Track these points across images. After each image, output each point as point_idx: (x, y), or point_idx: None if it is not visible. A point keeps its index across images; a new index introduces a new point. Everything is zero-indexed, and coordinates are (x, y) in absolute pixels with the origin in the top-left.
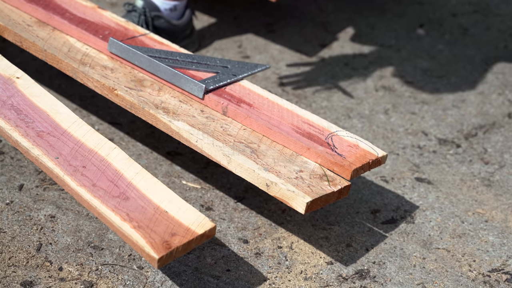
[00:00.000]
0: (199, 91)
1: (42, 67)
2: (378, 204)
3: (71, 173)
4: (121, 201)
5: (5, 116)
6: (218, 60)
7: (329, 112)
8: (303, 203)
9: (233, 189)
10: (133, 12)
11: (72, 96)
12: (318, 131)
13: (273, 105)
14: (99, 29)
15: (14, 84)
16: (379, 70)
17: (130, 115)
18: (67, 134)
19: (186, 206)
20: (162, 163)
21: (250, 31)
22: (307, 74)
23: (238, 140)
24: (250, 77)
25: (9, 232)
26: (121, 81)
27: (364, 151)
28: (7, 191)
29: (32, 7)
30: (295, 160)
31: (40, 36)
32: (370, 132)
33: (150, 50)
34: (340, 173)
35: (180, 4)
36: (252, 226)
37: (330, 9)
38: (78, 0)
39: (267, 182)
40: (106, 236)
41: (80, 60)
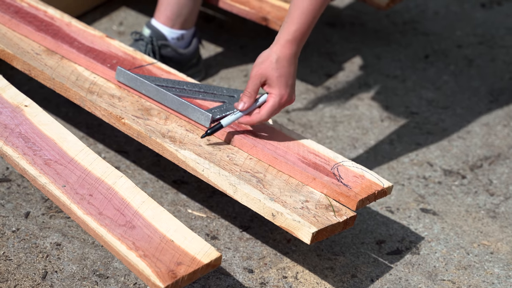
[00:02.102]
0: (205, 120)
1: (49, 95)
2: (383, 235)
3: (78, 201)
4: (127, 230)
5: (13, 144)
6: (225, 89)
7: (334, 142)
8: (309, 233)
9: (239, 218)
10: (140, 41)
11: (79, 124)
12: (324, 161)
13: (279, 135)
14: (107, 58)
15: (22, 112)
16: (385, 101)
17: (137, 143)
18: (74, 162)
19: (192, 235)
20: (168, 191)
21: None
22: (313, 104)
23: (244, 170)
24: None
25: (15, 259)
26: (128, 110)
27: (370, 181)
28: (14, 218)
29: (41, 35)
30: (301, 190)
31: (48, 64)
32: (375, 162)
33: (158, 79)
34: (345, 204)
35: (187, 33)
36: (257, 256)
37: (335, 39)
38: (87, 29)
39: (273, 212)
40: (112, 264)
41: (88, 89)
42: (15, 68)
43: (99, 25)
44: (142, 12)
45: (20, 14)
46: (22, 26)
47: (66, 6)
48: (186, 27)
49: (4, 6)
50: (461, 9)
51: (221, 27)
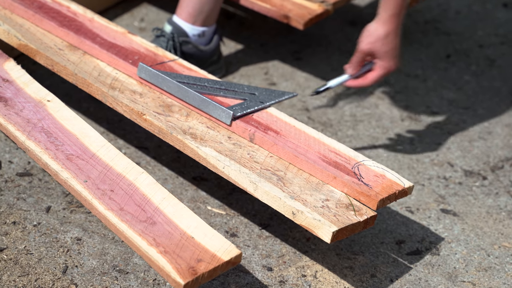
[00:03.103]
0: (226, 118)
1: (71, 90)
2: (403, 235)
3: (99, 197)
4: (148, 226)
5: (35, 138)
6: (246, 87)
7: (354, 141)
8: (329, 232)
9: (258, 216)
10: (161, 37)
11: (100, 119)
12: (345, 160)
13: (300, 133)
14: (129, 54)
15: (44, 107)
16: (405, 100)
17: (157, 139)
18: (95, 157)
19: (212, 232)
20: (187, 188)
21: (277, 58)
22: (333, 102)
23: (265, 168)
24: (277, 104)
25: (36, 253)
26: (150, 106)
27: (390, 181)
28: (35, 212)
29: (64, 31)
30: (321, 189)
31: (71, 60)
32: (395, 162)
33: (179, 76)
34: (366, 203)
35: (209, 30)
36: (277, 254)
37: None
38: (109, 25)
39: (293, 210)
40: (131, 260)
41: (109, 85)
42: (37, 63)
43: (120, 21)
44: (163, 8)
45: (44, 9)
46: (45, 21)
47: (88, 1)
48: (208, 24)
49: (28, 1)
50: (483, 9)
51: (241, 24)
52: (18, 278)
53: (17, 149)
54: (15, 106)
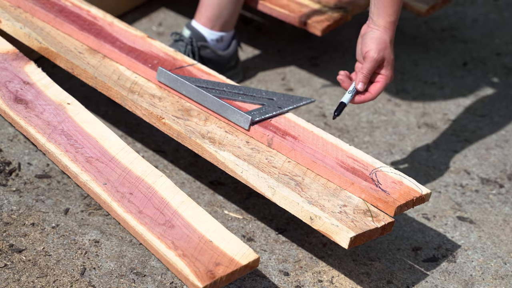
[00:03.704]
0: (245, 123)
1: (90, 93)
2: (420, 242)
3: (119, 199)
4: (166, 229)
5: (55, 141)
6: (264, 92)
7: (371, 147)
8: (347, 238)
9: (275, 221)
10: (180, 42)
11: (118, 123)
12: (362, 166)
13: (317, 139)
14: (148, 58)
15: (64, 110)
16: (422, 107)
17: (174, 143)
18: (115, 160)
19: (230, 236)
20: (204, 192)
21: (294, 64)
22: (350, 109)
23: (283, 173)
24: (294, 110)
25: (54, 255)
26: (169, 110)
27: (408, 188)
28: (53, 214)
29: (84, 34)
30: (339, 195)
31: (91, 63)
32: (412, 168)
33: (198, 80)
34: (384, 209)
35: (227, 35)
36: (293, 259)
37: None
38: (128, 29)
39: (311, 216)
40: (149, 263)
41: (129, 88)
42: (56, 66)
43: (139, 26)
44: (181, 13)
45: (64, 13)
46: (66, 25)
47: (107, 6)
48: (226, 29)
49: (49, 5)
50: (500, 17)
51: (259, 29)
52: (36, 279)
53: (36, 151)
54: (36, 109)
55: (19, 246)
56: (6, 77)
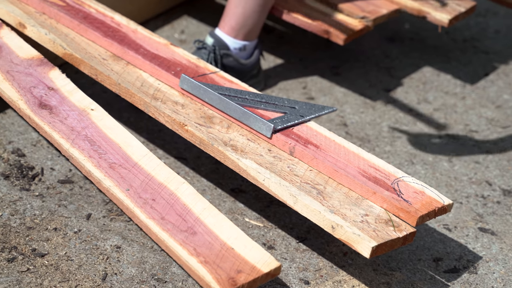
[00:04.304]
0: (267, 131)
1: (112, 99)
2: (441, 252)
3: (141, 206)
4: (188, 236)
5: (79, 146)
6: (286, 100)
7: (392, 157)
8: (369, 247)
9: (295, 229)
10: (203, 50)
11: (140, 129)
12: (384, 175)
13: (339, 148)
14: (171, 65)
15: (88, 115)
16: (444, 118)
17: (196, 150)
18: (138, 167)
19: (252, 244)
20: (225, 199)
21: (315, 73)
22: (371, 118)
23: (305, 181)
24: (315, 119)
25: (76, 260)
26: (191, 117)
27: (430, 198)
28: (76, 219)
29: (108, 41)
30: (361, 204)
31: (114, 70)
32: (433, 179)
33: (220, 88)
34: (405, 219)
35: (250, 44)
36: (314, 268)
37: (395, 55)
38: (152, 37)
39: (332, 224)
40: (170, 269)
41: (152, 95)
42: (79, 72)
43: (161, 33)
44: (203, 21)
45: (88, 20)
46: (90, 32)
47: (129, 13)
48: (250, 38)
49: (73, 11)
50: None
51: (280, 38)
52: (58, 283)
53: (59, 156)
54: (60, 114)
55: (41, 251)
56: (31, 82)
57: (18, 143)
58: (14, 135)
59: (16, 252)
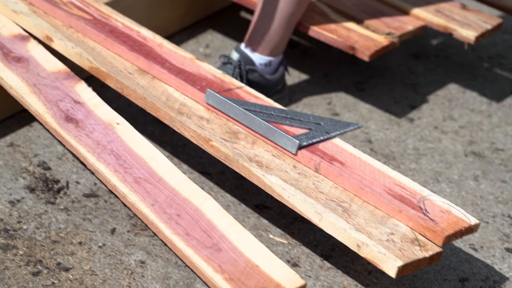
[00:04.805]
0: (292, 147)
1: (136, 113)
2: (467, 273)
3: (166, 221)
4: (213, 252)
5: (105, 160)
6: (312, 116)
7: (417, 175)
8: (395, 266)
9: (320, 247)
10: (228, 65)
11: (164, 143)
12: (410, 194)
13: (365, 165)
14: (197, 80)
15: (114, 129)
16: (469, 135)
17: (220, 165)
18: (163, 181)
19: (277, 262)
20: (250, 215)
21: (340, 88)
22: (396, 135)
23: (330, 198)
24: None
25: (100, 275)
26: (217, 132)
27: (456, 217)
28: (100, 234)
29: (134, 55)
30: (387, 222)
31: (140, 84)
32: (459, 197)
33: (245, 103)
34: (432, 239)
35: (275, 60)
36: (338, 286)
37: (420, 71)
38: (177, 51)
39: (358, 243)
40: (194, 285)
41: (177, 110)
42: (104, 85)
43: (186, 47)
44: (228, 35)
45: (115, 34)
46: (116, 45)
47: (155, 27)
48: (275, 54)
49: (100, 25)
50: None
51: (305, 53)
52: None
53: (84, 170)
54: (86, 128)
55: (66, 265)
56: (58, 96)
57: (43, 156)
58: (39, 148)
59: (41, 265)
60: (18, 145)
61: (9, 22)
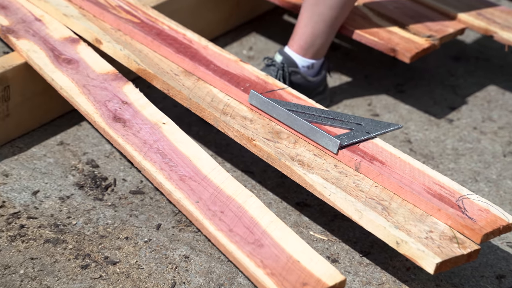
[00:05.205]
0: (333, 146)
1: (182, 114)
2: (504, 270)
3: (210, 218)
4: (256, 248)
5: (151, 159)
6: (352, 117)
7: (456, 175)
8: (433, 263)
9: (359, 243)
10: (271, 66)
11: (208, 143)
12: (449, 193)
13: (404, 165)
14: (241, 81)
15: (160, 129)
16: (508, 136)
17: (262, 164)
18: (207, 179)
19: (317, 257)
20: (291, 213)
21: (380, 90)
22: (435, 135)
23: (370, 197)
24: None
25: (146, 268)
26: (259, 132)
27: (495, 216)
28: (146, 229)
29: (180, 57)
30: (425, 220)
31: (186, 85)
32: (497, 197)
33: (288, 104)
34: (470, 237)
35: (317, 63)
36: (377, 281)
37: (459, 73)
38: (222, 53)
39: (397, 240)
40: (236, 280)
41: (222, 110)
42: (151, 86)
43: (230, 49)
44: (271, 38)
45: (161, 36)
46: (163, 48)
47: (200, 30)
48: (317, 57)
49: (147, 28)
50: None
51: (346, 55)
52: None
53: (131, 168)
54: (133, 127)
55: (113, 259)
56: (106, 96)
57: (92, 155)
58: (88, 146)
59: (89, 259)
60: (68, 144)
61: (60, 25)
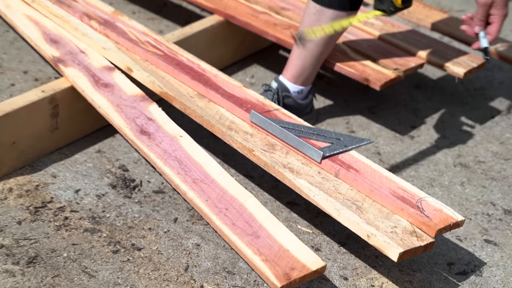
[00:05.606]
0: (317, 157)
1: (196, 129)
2: (453, 258)
3: (217, 213)
4: (253, 239)
5: (170, 165)
6: (333, 133)
7: (415, 181)
8: (396, 253)
9: (338, 236)
10: (268, 92)
11: (216, 152)
12: (410, 196)
13: (375, 172)
14: (243, 103)
15: (177, 141)
16: (458, 150)
17: (260, 170)
18: (215, 182)
19: (303, 247)
20: (282, 210)
21: (356, 111)
22: (400, 149)
23: (346, 198)
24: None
25: (165, 254)
26: (258, 144)
27: (446, 215)
28: (165, 222)
29: (195, 83)
30: (391, 218)
31: (199, 105)
32: (448, 199)
33: (281, 122)
34: (426, 231)
35: (306, 89)
36: (351, 267)
37: (420, 99)
38: (229, 80)
39: (368, 233)
40: (238, 264)
41: (227, 126)
42: (172, 106)
43: (235, 77)
44: (269, 68)
45: (180, 66)
46: (181, 75)
47: (212, 61)
48: (306, 84)
49: (169, 59)
50: None
51: (329, 83)
52: (151, 272)
53: (154, 172)
54: (156, 139)
55: (138, 245)
56: (135, 114)
57: (123, 161)
58: (120, 154)
59: (119, 245)
60: (104, 152)
61: (99, 56)
